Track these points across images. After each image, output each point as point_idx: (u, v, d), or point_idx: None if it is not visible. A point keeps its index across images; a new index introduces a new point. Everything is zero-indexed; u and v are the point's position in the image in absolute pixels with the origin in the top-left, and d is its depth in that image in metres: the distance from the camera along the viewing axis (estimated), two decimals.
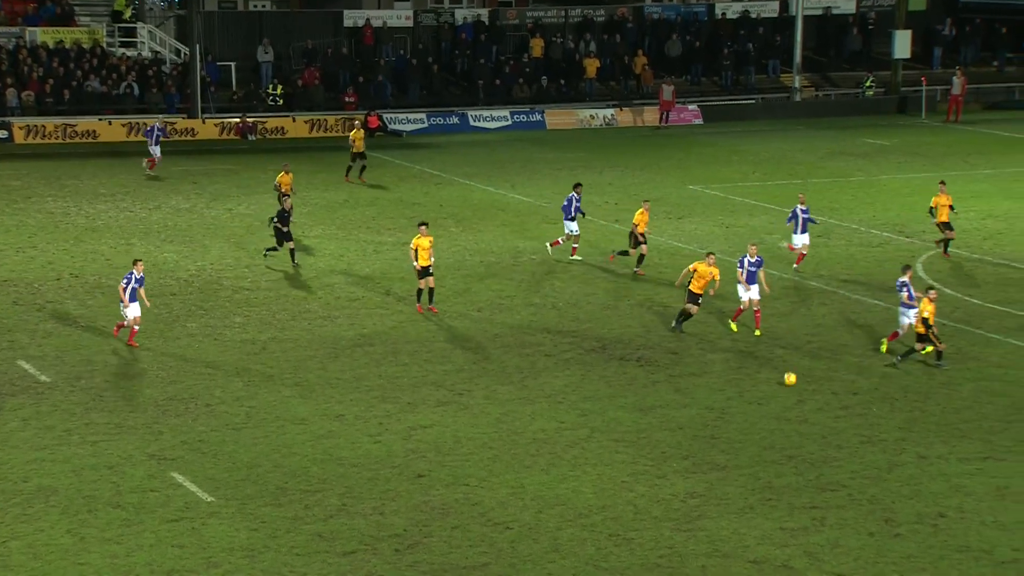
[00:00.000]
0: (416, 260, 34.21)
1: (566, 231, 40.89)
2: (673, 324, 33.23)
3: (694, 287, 32.71)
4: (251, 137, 64.51)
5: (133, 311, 31.54)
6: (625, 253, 39.49)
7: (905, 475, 24.00)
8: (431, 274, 34.34)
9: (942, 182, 41.72)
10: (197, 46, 63.75)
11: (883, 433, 26.10)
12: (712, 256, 32.96)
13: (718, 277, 32.82)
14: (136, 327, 31.66)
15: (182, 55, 68.50)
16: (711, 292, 33.11)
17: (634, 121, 72.66)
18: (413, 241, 34.40)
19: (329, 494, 23.41)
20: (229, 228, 44.79)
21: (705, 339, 32.65)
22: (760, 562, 20.60)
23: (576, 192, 40.89)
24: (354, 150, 53.24)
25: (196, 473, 24.22)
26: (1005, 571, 20.13)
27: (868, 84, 78.25)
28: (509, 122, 70.55)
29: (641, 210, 39.12)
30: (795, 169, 57.86)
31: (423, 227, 34.79)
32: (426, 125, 69.18)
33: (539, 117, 71.12)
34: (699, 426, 26.70)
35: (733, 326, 33.27)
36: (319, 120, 66.88)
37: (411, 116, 69.35)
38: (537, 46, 74.32)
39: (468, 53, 73.56)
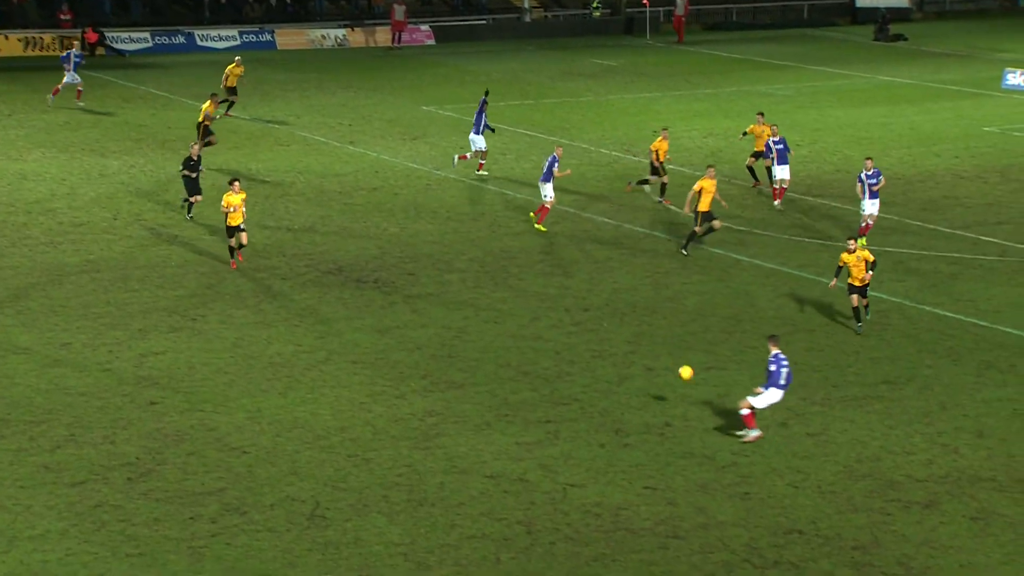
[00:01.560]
0: (226, 219, 31.12)
1: (473, 147, 40.85)
2: (683, 247, 33.03)
3: (702, 207, 32.47)
4: None
5: None
6: (645, 182, 38.35)
7: (634, 387, 24.77)
8: (243, 230, 31.37)
9: (760, 113, 42.33)
10: None
11: (613, 347, 26.85)
12: (712, 168, 33.11)
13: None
14: None
15: None
16: (723, 203, 33.66)
17: (366, 42, 72.04)
18: (224, 199, 31.19)
19: (56, 424, 22.70)
20: None
21: (441, 259, 32.86)
22: (496, 476, 21.00)
23: (484, 102, 41.25)
24: (227, 84, 50.11)
25: None
26: (725, 474, 21.06)
27: (595, 5, 79.56)
28: (238, 42, 69.00)
29: (660, 138, 38.02)
30: (526, 90, 58.48)
31: (235, 183, 31.41)
32: (150, 45, 67.05)
33: (269, 37, 69.78)
34: (437, 345, 26.92)
35: (539, 226, 34.94)
36: (34, 38, 63.98)
37: (134, 35, 67.06)
38: None
39: None
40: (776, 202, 37.74)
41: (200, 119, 41.51)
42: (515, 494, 20.42)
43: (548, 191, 35.51)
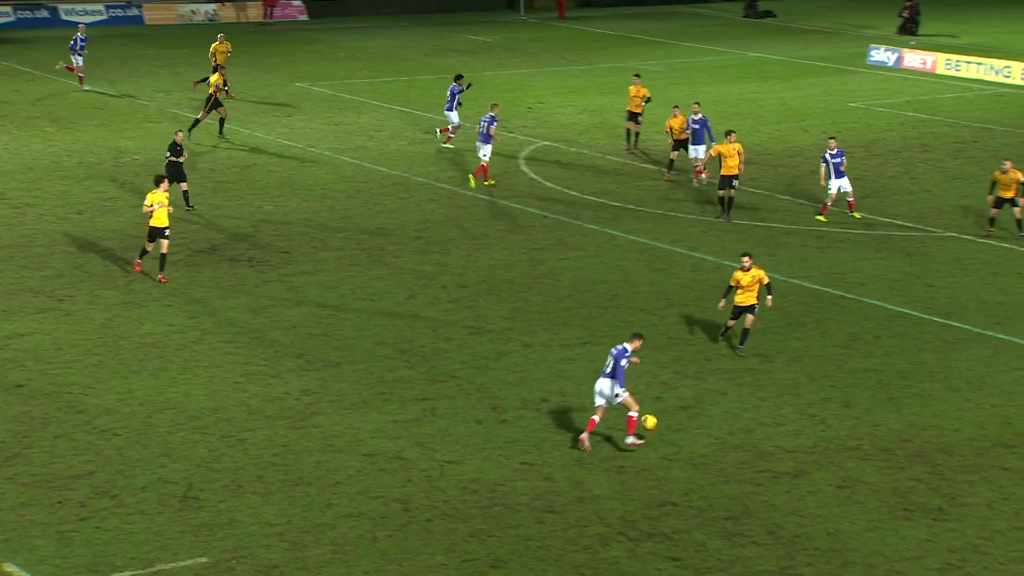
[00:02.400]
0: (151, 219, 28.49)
1: (451, 122, 41.27)
2: (719, 215, 34.18)
3: (724, 171, 33.80)
4: None
5: None
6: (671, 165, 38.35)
7: (511, 363, 24.86)
8: (166, 237, 28.77)
9: (636, 75, 42.92)
10: None
11: (490, 324, 26.91)
12: (733, 133, 34.20)
13: (742, 152, 34.19)
14: None
15: None
16: (742, 167, 34.20)
17: (237, 17, 71.06)
18: (148, 197, 28.58)
19: None
20: None
21: (317, 237, 32.61)
22: (373, 455, 20.95)
23: (457, 83, 41.44)
24: (216, 62, 48.75)
25: None
26: (601, 449, 21.23)
27: None
28: (104, 16, 67.63)
29: (672, 116, 38.00)
30: (402, 66, 58.20)
31: (164, 182, 28.85)
32: (12, 19, 65.40)
33: (137, 12, 68.50)
34: (312, 324, 26.72)
35: (472, 181, 35.95)
36: None
37: None
38: None
39: None
40: (695, 180, 37.76)
41: (211, 91, 41.63)
42: (392, 472, 20.38)
43: (486, 151, 36.86)
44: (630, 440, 21.13)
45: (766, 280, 24.98)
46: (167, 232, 28.69)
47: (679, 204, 35.87)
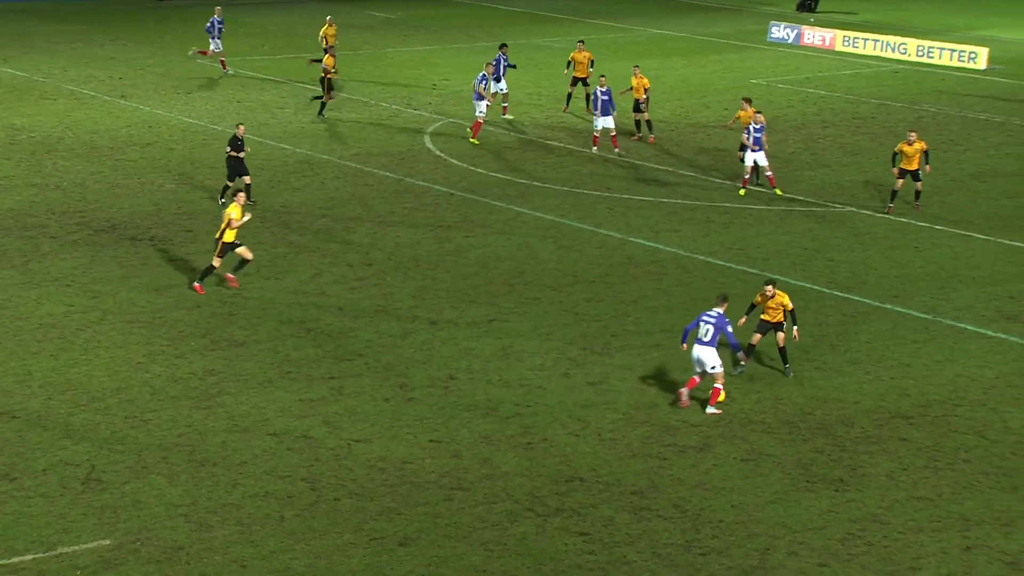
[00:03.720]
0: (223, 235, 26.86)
1: (496, 89, 41.73)
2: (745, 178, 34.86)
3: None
4: None
5: None
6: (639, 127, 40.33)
7: (418, 341, 24.81)
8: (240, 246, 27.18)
9: (581, 40, 44.46)
10: None
11: (397, 302, 26.82)
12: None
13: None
14: None
15: None
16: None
17: None
18: (230, 210, 26.83)
19: None
20: None
21: (220, 216, 32.25)
22: (280, 434, 20.81)
23: (502, 52, 42.59)
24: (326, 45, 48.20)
25: None
26: (509, 426, 21.31)
27: None
28: None
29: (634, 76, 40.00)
30: (305, 43, 57.67)
31: (240, 195, 27.38)
32: None
33: None
34: (216, 303, 26.44)
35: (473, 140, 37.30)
36: None
37: None
38: None
39: None
40: (594, 148, 38.71)
41: (323, 74, 41.98)
42: (299, 451, 20.27)
43: (482, 107, 38.46)
44: (711, 410, 21.63)
45: (790, 307, 23.13)
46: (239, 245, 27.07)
47: (585, 180, 35.99)
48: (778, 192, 34.54)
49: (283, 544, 17.64)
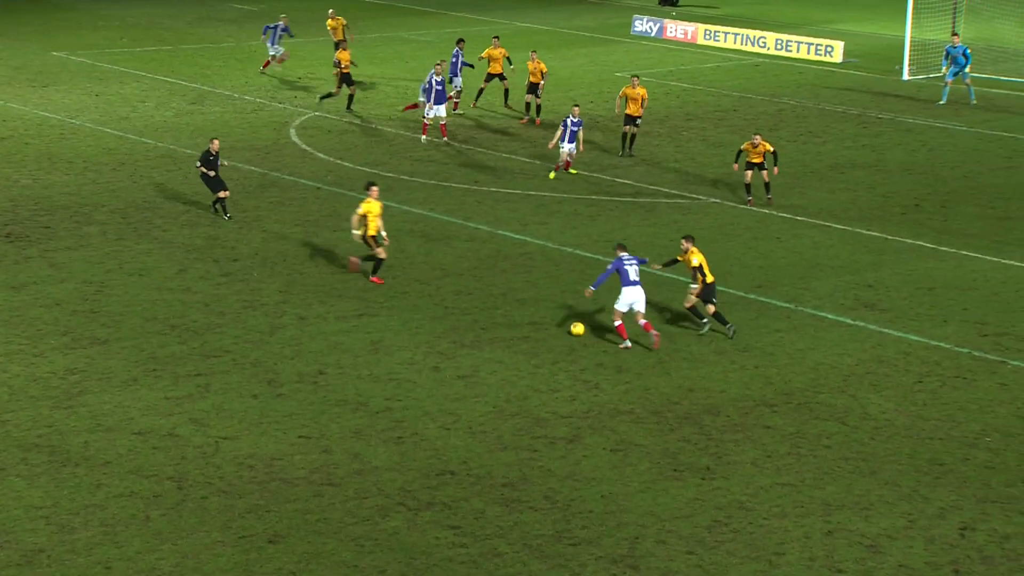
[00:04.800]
0: (358, 227, 27.25)
1: (454, 86, 41.92)
2: (623, 153, 37.76)
3: (630, 110, 37.59)
4: None
5: None
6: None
7: (286, 337, 24.59)
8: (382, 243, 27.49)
9: (496, 36, 44.97)
10: None
11: (264, 297, 26.54)
12: (636, 78, 38.08)
13: (646, 96, 37.86)
14: None
15: None
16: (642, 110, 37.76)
17: None
18: (362, 207, 27.25)
19: None
20: None
21: (79, 211, 31.60)
22: (145, 433, 20.46)
23: (459, 47, 42.81)
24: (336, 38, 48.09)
25: None
26: (379, 420, 21.23)
27: None
28: None
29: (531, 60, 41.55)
30: (164, 35, 56.78)
31: (374, 188, 27.60)
32: None
33: None
34: (78, 301, 25.90)
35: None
36: None
37: None
38: None
39: None
40: (423, 137, 38.81)
41: (343, 69, 41.75)
42: (165, 450, 19.95)
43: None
44: (655, 332, 24.03)
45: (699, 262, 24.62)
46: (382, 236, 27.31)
47: (453, 174, 35.98)
48: (572, 172, 35.81)
49: (149, 544, 17.35)
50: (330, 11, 50.47)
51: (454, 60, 42.47)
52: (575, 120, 35.34)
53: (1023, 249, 30.22)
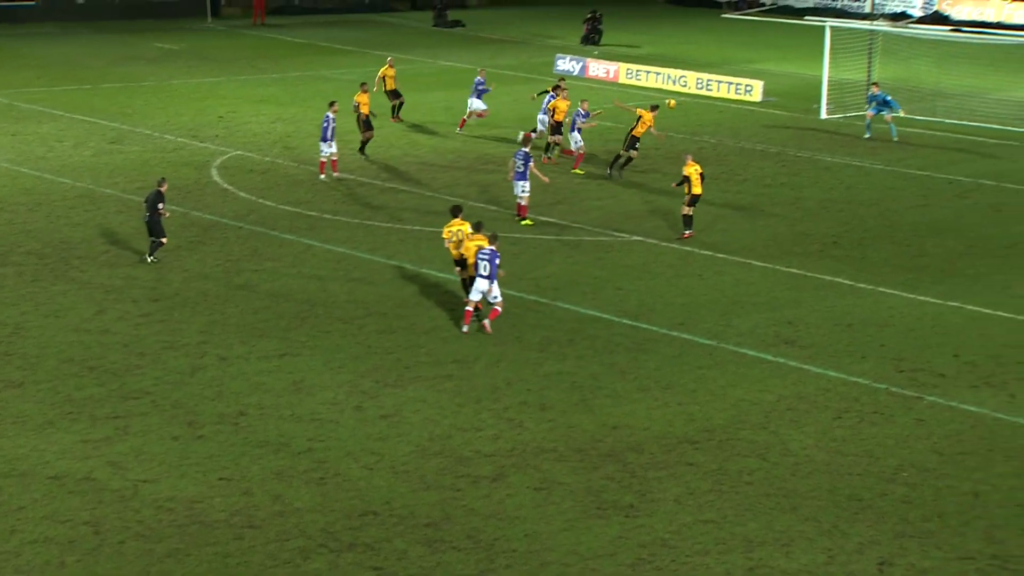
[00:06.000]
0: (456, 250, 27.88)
1: (469, 108, 45.44)
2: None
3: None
4: None
5: None
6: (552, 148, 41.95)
7: (207, 377, 24.35)
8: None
9: (390, 58, 47.11)
10: None
11: (185, 338, 26.29)
12: (657, 108, 40.50)
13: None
14: None
15: None
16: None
17: None
18: (453, 232, 27.91)
19: None
20: None
21: None
22: (61, 477, 20.14)
23: (480, 75, 45.98)
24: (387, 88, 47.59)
25: None
26: (301, 461, 21.06)
27: None
28: None
29: (560, 97, 41.84)
30: (84, 74, 56.33)
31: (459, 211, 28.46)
32: None
33: None
34: None
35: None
36: None
37: None
38: None
39: None
40: (322, 175, 38.79)
41: (366, 112, 41.46)
42: (81, 494, 19.64)
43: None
44: (487, 323, 26.56)
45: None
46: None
47: (376, 212, 35.92)
48: (528, 222, 34.94)
49: None
50: (388, 59, 50.11)
51: (477, 86, 45.27)
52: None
53: (938, 286, 30.70)
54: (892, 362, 25.87)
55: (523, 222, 35.00)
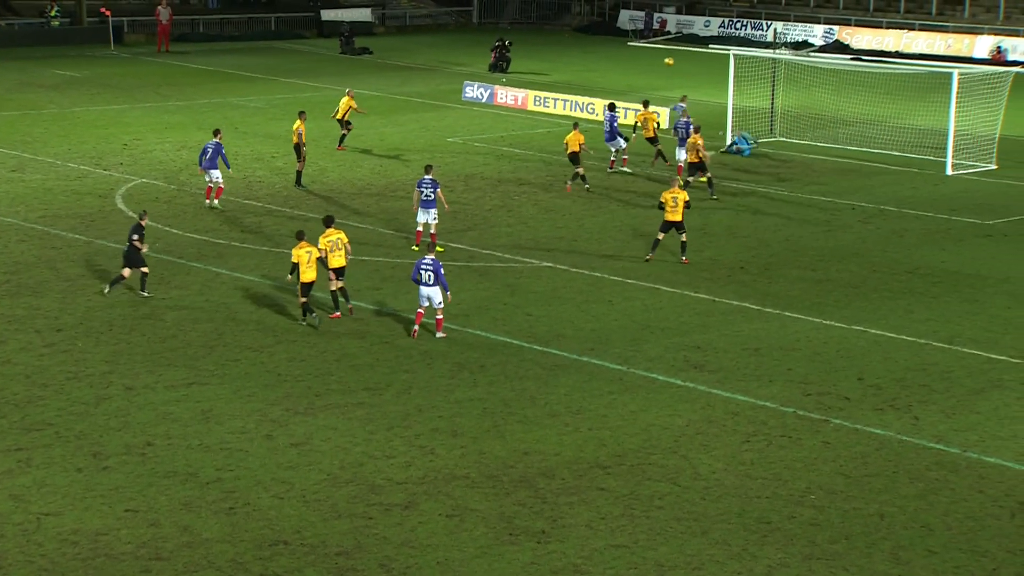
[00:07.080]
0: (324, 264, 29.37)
1: (613, 148, 45.28)
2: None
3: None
4: None
5: None
6: (578, 177, 42.30)
7: (113, 408, 24.00)
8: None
9: (349, 89, 47.70)
10: None
11: (90, 368, 25.90)
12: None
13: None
14: None
15: None
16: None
17: None
18: (321, 241, 29.45)
19: None
20: None
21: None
22: None
23: (611, 111, 45.34)
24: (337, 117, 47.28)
25: None
26: (209, 491, 20.81)
27: (54, 13, 76.63)
28: None
29: (573, 132, 42.39)
30: None
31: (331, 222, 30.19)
32: None
33: None
34: None
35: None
36: None
37: None
38: None
39: None
40: (209, 201, 38.63)
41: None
42: None
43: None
44: (440, 335, 28.00)
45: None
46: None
47: (286, 240, 35.69)
48: (439, 249, 34.76)
49: None
50: (348, 90, 50.06)
51: (610, 123, 44.83)
52: (427, 179, 34.32)
53: (842, 310, 31.15)
54: (799, 386, 26.19)
55: (437, 249, 34.94)
